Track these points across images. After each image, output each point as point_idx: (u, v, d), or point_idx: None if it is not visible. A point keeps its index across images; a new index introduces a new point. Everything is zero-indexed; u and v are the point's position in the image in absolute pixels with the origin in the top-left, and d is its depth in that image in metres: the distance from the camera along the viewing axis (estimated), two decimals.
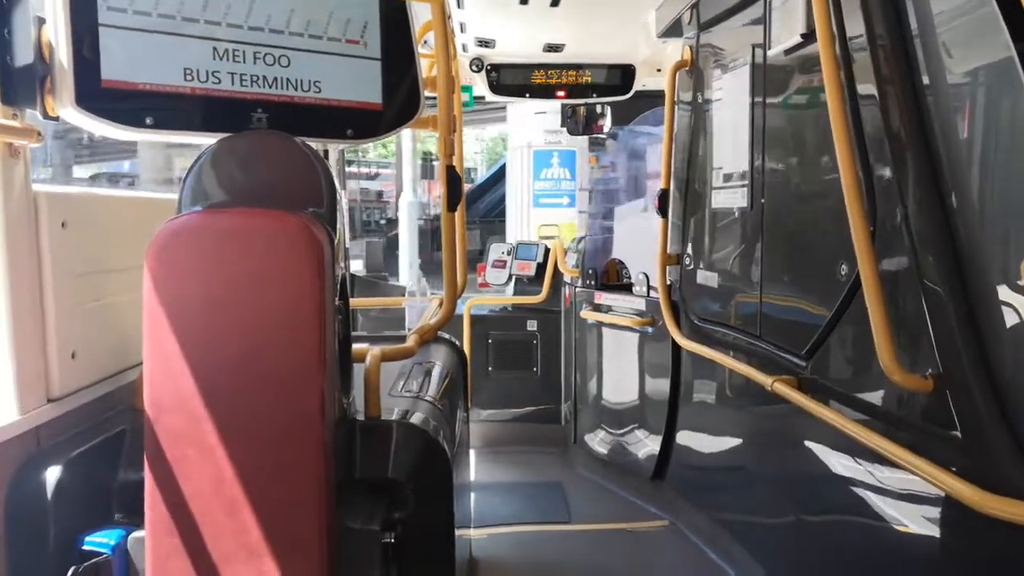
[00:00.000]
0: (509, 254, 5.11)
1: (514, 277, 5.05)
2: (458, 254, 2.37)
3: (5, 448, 1.51)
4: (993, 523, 1.39)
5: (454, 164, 2.17)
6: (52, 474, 1.54)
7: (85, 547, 1.55)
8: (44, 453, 1.60)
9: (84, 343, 1.74)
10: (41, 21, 1.59)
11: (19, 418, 1.54)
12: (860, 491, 2.08)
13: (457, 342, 3.15)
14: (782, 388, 2.32)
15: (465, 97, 4.30)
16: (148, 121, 1.70)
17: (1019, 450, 1.47)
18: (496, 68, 4.28)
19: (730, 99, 2.94)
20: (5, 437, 1.50)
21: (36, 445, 1.61)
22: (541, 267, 4.92)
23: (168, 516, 1.46)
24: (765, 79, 2.65)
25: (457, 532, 1.97)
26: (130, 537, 1.57)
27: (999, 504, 1.38)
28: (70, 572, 1.51)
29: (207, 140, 1.76)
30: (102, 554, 1.54)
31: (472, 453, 4.29)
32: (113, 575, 1.55)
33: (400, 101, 2.00)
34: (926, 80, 1.75)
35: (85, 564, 1.53)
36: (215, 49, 1.75)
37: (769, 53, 2.55)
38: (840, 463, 2.15)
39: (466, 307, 4.73)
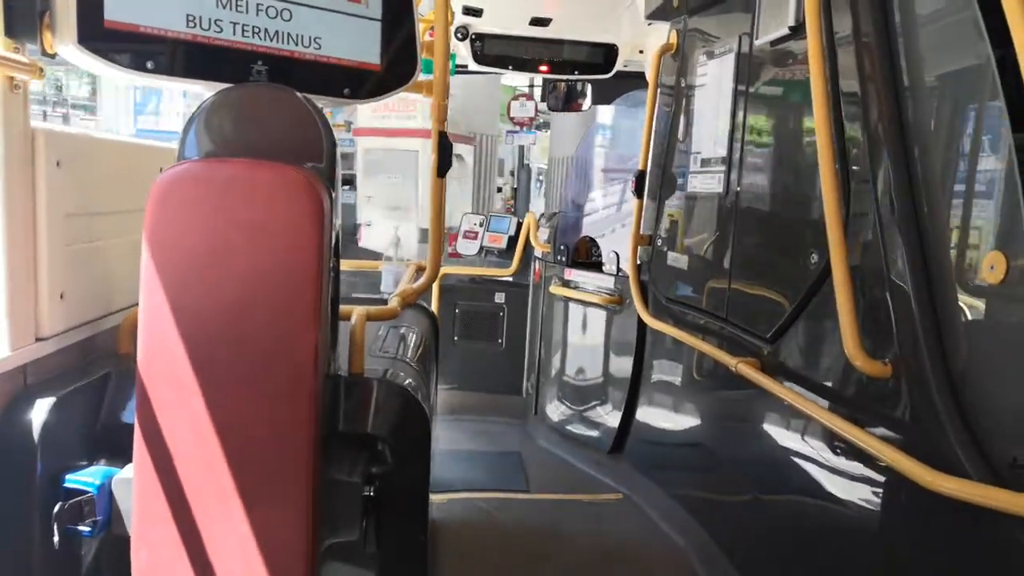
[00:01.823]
0: (481, 225, 5.14)
1: (485, 249, 5.09)
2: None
3: None
4: (943, 502, 1.49)
5: (445, 130, 2.20)
6: (39, 413, 1.55)
7: (69, 485, 1.57)
8: (31, 391, 1.60)
9: (73, 284, 1.74)
10: None
11: (7, 355, 1.54)
12: (815, 469, 2.18)
13: (430, 309, 3.19)
14: (746, 369, 2.41)
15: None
16: (149, 65, 1.69)
17: (969, 435, 1.57)
18: (481, 38, 4.27)
19: (713, 85, 3.00)
20: None
21: (23, 383, 1.61)
22: (513, 240, 4.96)
23: (156, 459, 1.48)
24: (750, 68, 2.71)
25: None
26: (114, 479, 1.59)
27: (949, 483, 1.48)
28: (55, 509, 1.53)
29: (205, 89, 1.76)
30: (87, 492, 1.56)
31: (435, 420, 4.34)
32: (97, 514, 1.57)
33: (397, 63, 2.01)
34: (907, 80, 1.83)
35: (70, 502, 1.54)
36: None
37: (756, 43, 2.62)
38: (798, 443, 2.25)
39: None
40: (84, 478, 1.58)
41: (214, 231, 1.45)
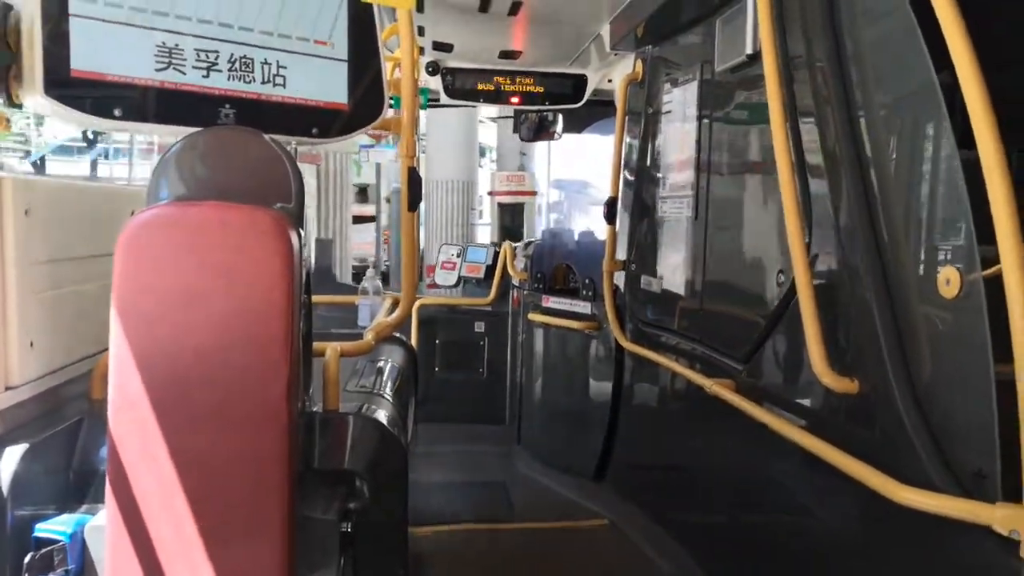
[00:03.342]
0: (459, 256, 5.17)
1: (463, 279, 5.11)
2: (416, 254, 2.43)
3: None
4: (912, 515, 1.52)
5: (415, 165, 2.23)
6: (9, 461, 1.54)
7: (40, 534, 1.55)
8: (1, 440, 1.60)
9: (43, 332, 1.73)
10: (8, 8, 1.59)
11: None
12: (792, 488, 2.21)
13: (408, 341, 3.20)
14: (720, 390, 2.43)
15: (419, 100, 4.35)
16: (116, 112, 1.71)
17: (935, 448, 1.60)
18: (452, 72, 4.34)
19: (678, 112, 3.07)
20: None
21: None
22: (490, 269, 4.99)
23: (128, 504, 1.47)
24: (712, 94, 2.78)
25: None
26: (86, 526, 1.58)
27: (916, 496, 1.50)
28: (27, 559, 1.51)
29: (173, 135, 1.78)
30: (59, 541, 1.54)
31: (417, 452, 4.33)
32: (69, 562, 1.55)
33: (365, 102, 2.05)
34: (860, 101, 1.89)
35: (41, 551, 1.53)
36: (185, 43, 1.77)
37: (716, 70, 2.69)
38: (775, 462, 2.27)
39: (414, 307, 4.77)
40: (56, 527, 1.56)
41: (184, 273, 1.46)
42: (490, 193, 8.32)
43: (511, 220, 8.35)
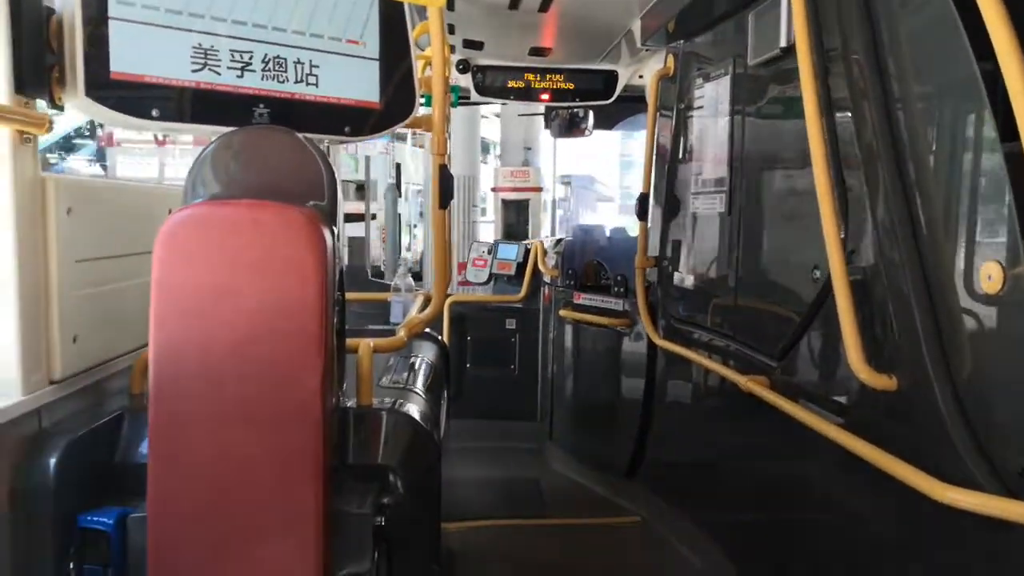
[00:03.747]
0: (489, 253, 5.18)
1: (494, 276, 5.12)
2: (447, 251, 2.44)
3: (9, 429, 1.54)
4: (954, 514, 1.49)
5: (446, 163, 2.24)
6: (53, 455, 1.58)
7: (85, 526, 1.59)
8: (46, 434, 1.64)
9: (85, 328, 1.78)
10: (50, 12, 1.63)
11: (22, 399, 1.58)
12: (828, 486, 2.17)
13: (440, 337, 3.21)
14: (755, 387, 2.41)
15: (451, 98, 4.37)
16: (154, 113, 1.75)
17: (976, 445, 1.57)
18: (482, 70, 4.35)
19: (710, 107, 3.04)
20: (9, 417, 1.54)
21: (38, 426, 1.64)
22: (521, 266, 4.99)
23: (168, 497, 1.50)
24: (745, 89, 2.75)
25: None
26: (129, 517, 1.61)
27: (957, 495, 1.48)
28: (71, 549, 1.56)
29: (208, 133, 1.81)
30: (102, 532, 1.58)
31: (450, 448, 4.36)
32: (112, 553, 1.59)
33: (396, 100, 2.06)
34: (897, 94, 1.85)
35: (85, 542, 1.57)
36: (221, 44, 1.80)
37: (749, 64, 2.65)
38: (811, 460, 2.25)
39: (446, 304, 4.79)
40: (99, 518, 1.60)
41: (218, 271, 1.48)
42: (493, 189, 8.07)
43: (516, 217, 8.07)
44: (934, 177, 1.74)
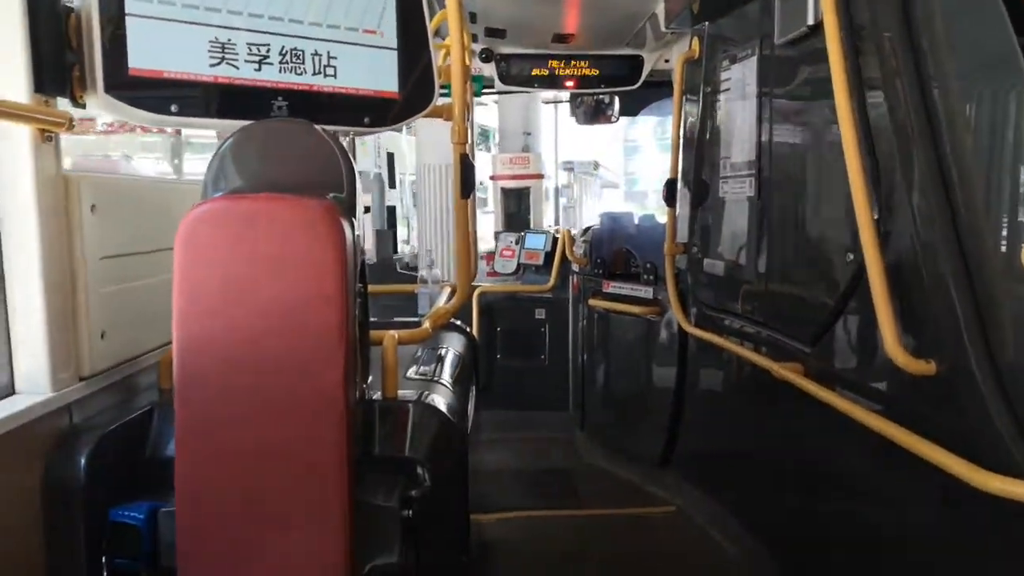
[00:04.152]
0: (517, 243, 5.16)
1: (522, 266, 5.10)
2: (470, 241, 2.42)
3: (40, 424, 1.57)
4: (997, 502, 1.44)
5: (467, 152, 2.22)
6: (84, 450, 1.60)
7: (116, 520, 1.61)
8: (77, 430, 1.66)
9: (113, 324, 1.79)
10: (69, 11, 1.64)
11: (52, 395, 1.60)
12: (865, 474, 2.12)
13: (468, 328, 3.20)
14: (787, 374, 2.36)
15: (474, 87, 4.35)
16: (173, 108, 1.75)
17: (1019, 432, 1.51)
18: (505, 58, 4.31)
19: (737, 89, 2.98)
20: (40, 413, 1.56)
21: (69, 422, 1.66)
22: (549, 256, 4.96)
23: (196, 490, 1.51)
24: (772, 70, 2.68)
25: None
26: (159, 511, 1.63)
27: (1001, 483, 1.42)
28: (103, 543, 1.57)
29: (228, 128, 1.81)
30: (132, 526, 1.60)
31: (481, 440, 4.36)
32: (143, 546, 1.60)
33: (415, 90, 2.04)
34: (932, 71, 1.78)
35: (117, 536, 1.59)
36: (238, 38, 1.79)
37: (776, 44, 2.59)
38: (846, 448, 2.20)
39: (475, 296, 4.78)
40: (130, 512, 1.62)
41: (237, 265, 1.48)
42: (492, 177, 7.83)
43: (517, 206, 7.78)
44: (972, 156, 1.68)
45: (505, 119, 8.78)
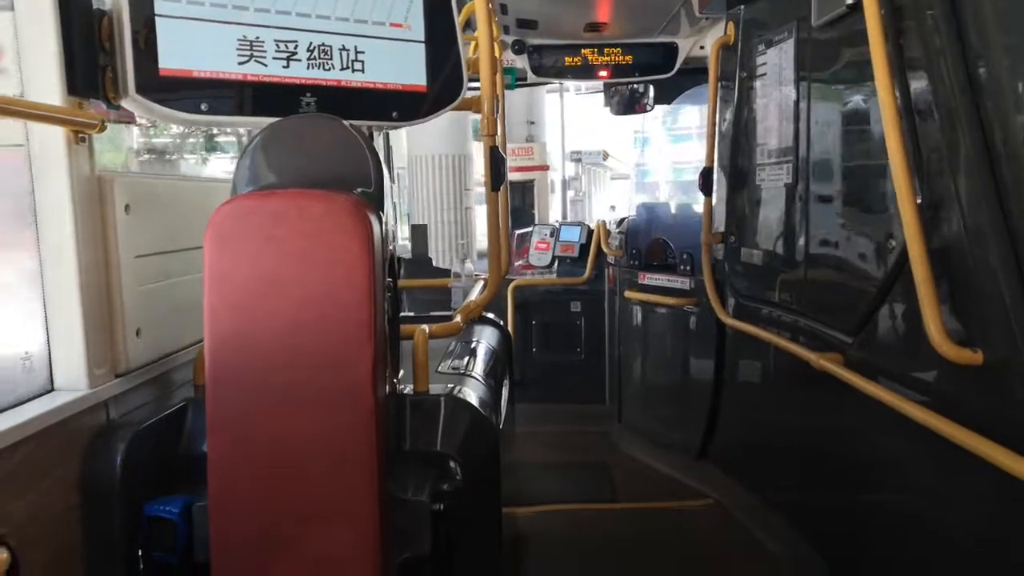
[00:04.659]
0: (552, 235, 5.13)
1: (557, 259, 5.07)
2: (501, 234, 2.41)
3: (78, 420, 1.60)
4: None
5: (497, 145, 2.20)
6: (121, 445, 1.62)
7: (151, 515, 1.64)
8: (113, 425, 1.69)
9: (148, 321, 1.82)
10: (101, 13, 1.66)
11: (90, 392, 1.63)
12: (910, 467, 2.06)
13: (500, 321, 3.19)
14: (828, 365, 2.30)
15: (507, 80, 4.32)
16: (203, 107, 1.77)
17: None
18: (538, 49, 4.28)
19: (774, 74, 2.91)
20: (78, 409, 1.59)
21: (106, 418, 1.69)
22: (584, 248, 4.93)
23: (229, 484, 1.53)
24: (810, 53, 2.61)
25: (504, 510, 2.01)
26: (194, 506, 1.65)
27: None
28: (139, 538, 1.60)
29: (257, 125, 1.82)
30: (168, 520, 1.62)
31: (518, 433, 4.36)
32: (178, 541, 1.63)
33: (443, 83, 2.03)
34: (978, 48, 1.71)
35: (152, 530, 1.61)
36: (266, 35, 1.80)
37: (814, 25, 2.52)
38: (890, 440, 2.14)
39: (509, 289, 4.77)
40: (166, 507, 1.64)
41: (265, 261, 1.49)
42: None
43: (521, 200, 7.30)
44: (1021, 137, 1.61)
45: (508, 107, 8.50)
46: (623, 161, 18.57)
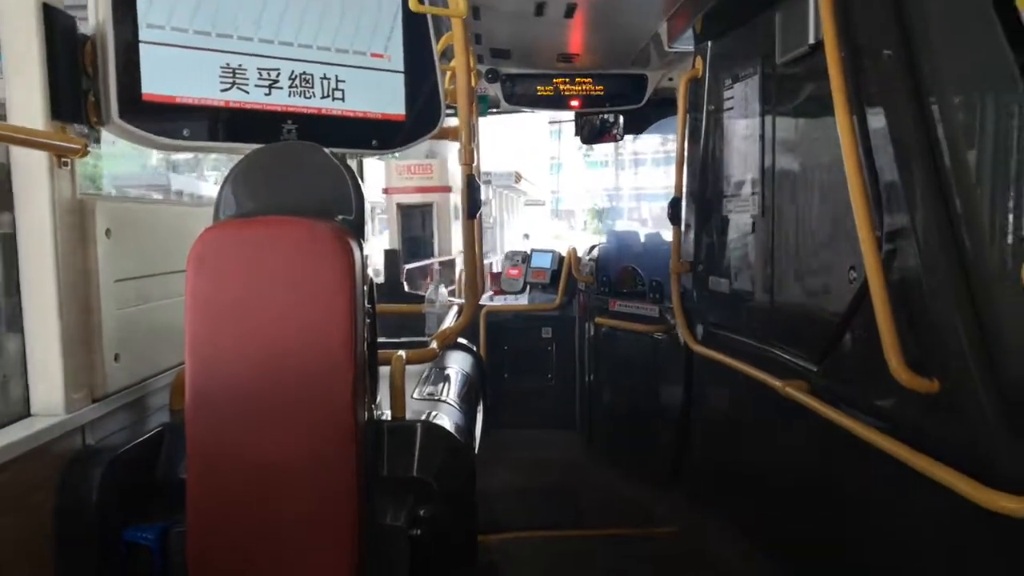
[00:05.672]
0: (524, 261, 5.18)
1: (529, 284, 5.12)
2: (477, 260, 2.44)
3: (54, 445, 1.58)
4: (1003, 521, 1.43)
5: (473, 173, 2.25)
6: (98, 471, 1.61)
7: (128, 540, 1.63)
8: (90, 451, 1.68)
9: (126, 346, 1.82)
10: (85, 38, 1.68)
11: (67, 416, 1.62)
12: (872, 492, 2.12)
13: (474, 347, 3.21)
14: (794, 392, 2.36)
15: (480, 107, 4.38)
16: (185, 133, 1.79)
17: (1022, 447, 1.52)
18: (511, 78, 4.35)
19: (740, 108, 3.00)
20: (54, 435, 1.58)
21: (82, 443, 1.68)
22: (556, 274, 4.98)
23: (207, 509, 1.53)
24: (774, 88, 2.71)
25: None
26: (171, 531, 1.64)
27: (1009, 502, 1.42)
28: (116, 564, 1.59)
29: (239, 151, 1.84)
30: (144, 546, 1.61)
31: (488, 459, 4.36)
32: (154, 566, 1.62)
33: (422, 112, 2.07)
34: (932, 88, 1.80)
35: (130, 556, 1.60)
36: (248, 63, 1.83)
37: (778, 63, 2.61)
38: (851, 466, 2.19)
39: (481, 314, 4.80)
40: (143, 532, 1.63)
41: (249, 288, 1.51)
42: (386, 191, 6.24)
43: (420, 226, 5.99)
44: (973, 173, 1.69)
45: None
46: (536, 184, 17.54)
